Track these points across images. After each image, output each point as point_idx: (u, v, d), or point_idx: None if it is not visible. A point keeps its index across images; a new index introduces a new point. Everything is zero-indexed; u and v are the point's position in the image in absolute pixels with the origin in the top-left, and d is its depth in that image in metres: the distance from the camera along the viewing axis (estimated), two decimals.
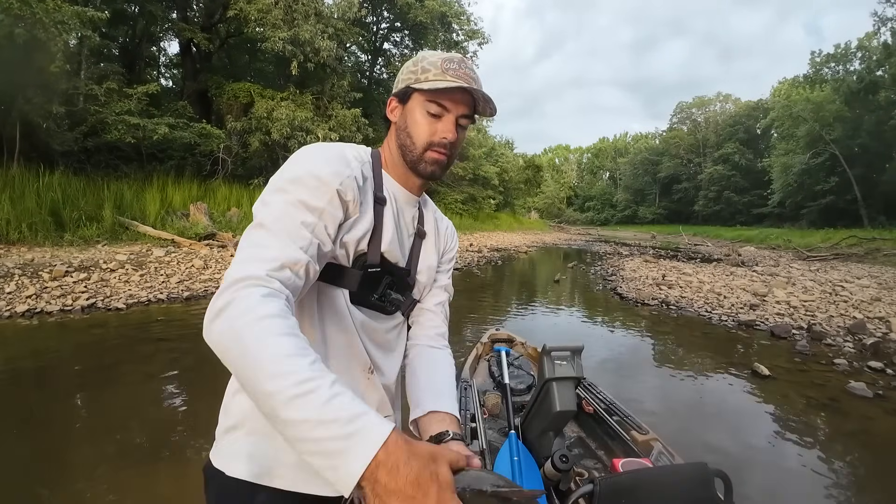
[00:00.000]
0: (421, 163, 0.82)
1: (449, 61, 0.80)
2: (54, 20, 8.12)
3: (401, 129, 0.84)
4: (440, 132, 0.80)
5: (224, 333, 0.55)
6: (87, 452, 2.61)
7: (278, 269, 0.61)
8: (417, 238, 0.92)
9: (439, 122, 0.81)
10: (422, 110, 0.81)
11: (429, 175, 0.84)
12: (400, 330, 0.93)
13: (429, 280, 0.95)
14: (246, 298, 0.56)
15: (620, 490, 1.16)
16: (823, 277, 10.18)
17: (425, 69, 0.80)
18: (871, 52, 25.03)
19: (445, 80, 0.77)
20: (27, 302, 5.26)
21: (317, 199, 0.69)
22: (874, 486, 2.69)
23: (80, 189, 9.06)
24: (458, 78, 0.78)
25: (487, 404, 2.36)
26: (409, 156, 0.83)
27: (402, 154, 0.84)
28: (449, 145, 0.82)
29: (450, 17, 18.62)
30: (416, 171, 0.84)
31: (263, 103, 12.95)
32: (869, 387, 3.87)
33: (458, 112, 0.81)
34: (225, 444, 0.79)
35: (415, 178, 0.87)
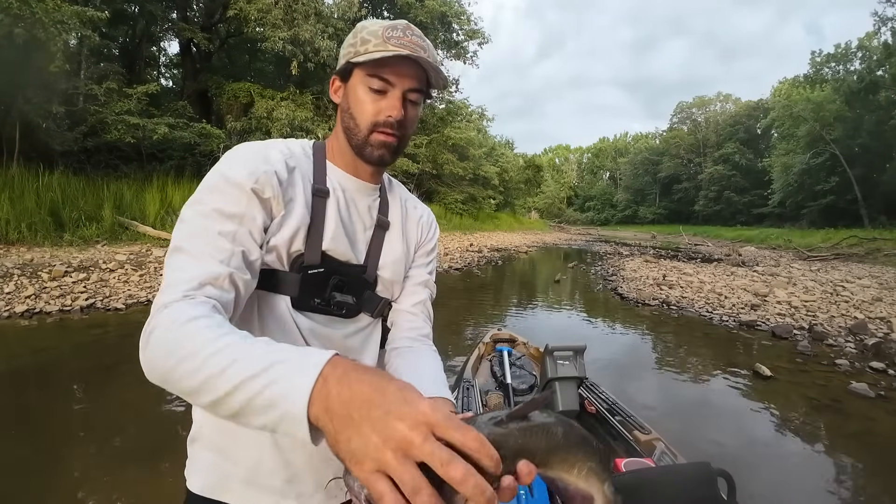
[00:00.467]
0: (367, 147, 0.73)
1: (391, 29, 0.70)
2: (54, 20, 8.10)
3: (344, 111, 0.75)
4: (385, 110, 0.71)
5: (153, 354, 0.50)
6: (86, 453, 2.60)
7: (197, 287, 0.56)
8: (378, 230, 0.82)
9: (384, 100, 0.71)
10: (364, 87, 0.71)
11: (377, 160, 0.75)
12: (368, 334, 0.83)
13: (396, 276, 0.84)
14: (166, 316, 0.51)
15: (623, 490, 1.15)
16: (824, 277, 10.16)
17: (365, 40, 0.70)
18: (872, 52, 25.02)
19: (387, 50, 0.68)
20: (26, 302, 5.25)
21: (232, 204, 0.63)
22: (876, 486, 2.68)
23: (79, 189, 9.05)
24: (401, 47, 0.68)
25: (490, 404, 2.37)
26: (354, 140, 0.74)
27: (348, 138, 0.76)
28: (396, 125, 0.72)
29: (450, 17, 18.60)
30: (363, 156, 0.75)
31: (263, 103, 12.94)
32: (871, 387, 3.86)
33: (404, 86, 0.71)
34: (189, 458, 0.77)
35: (363, 164, 0.77)
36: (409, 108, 0.74)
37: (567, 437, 0.52)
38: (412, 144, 18.41)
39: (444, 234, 18.35)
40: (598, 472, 0.56)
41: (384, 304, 0.84)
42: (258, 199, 0.65)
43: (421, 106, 0.77)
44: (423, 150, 18.86)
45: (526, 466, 0.43)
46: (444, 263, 11.32)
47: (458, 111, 23.89)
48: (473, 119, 27.78)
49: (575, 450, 0.53)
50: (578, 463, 0.53)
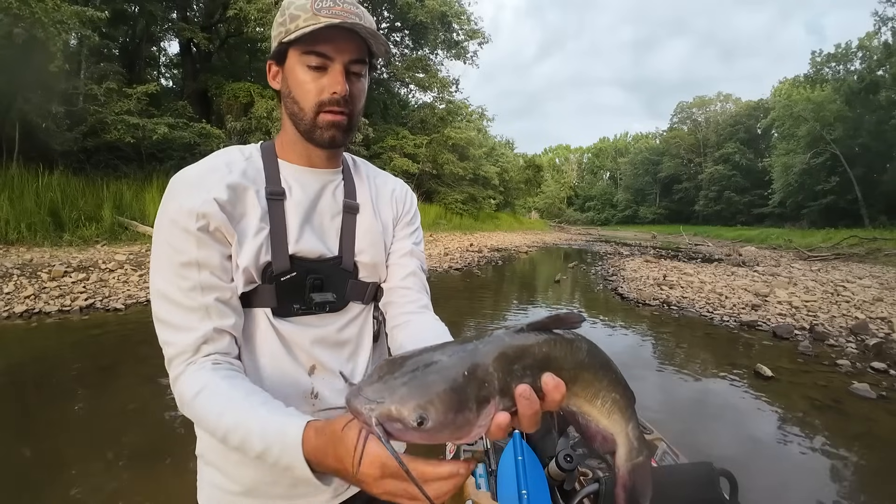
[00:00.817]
0: (315, 130, 0.69)
1: (320, 0, 0.65)
2: (53, 20, 8.09)
3: (286, 97, 0.70)
4: (328, 87, 0.66)
5: (189, 415, 0.62)
6: (84, 453, 2.59)
7: (193, 353, 0.62)
8: (347, 215, 0.77)
9: (325, 76, 0.67)
10: (301, 67, 0.67)
11: (328, 143, 0.70)
12: (364, 321, 0.80)
13: (377, 257, 0.79)
14: (180, 388, 0.62)
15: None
16: (825, 277, 10.15)
17: (294, 16, 0.65)
18: (872, 52, 24.98)
19: (318, 23, 0.63)
20: (25, 302, 5.24)
21: (185, 252, 0.63)
22: (878, 487, 2.67)
23: (79, 189, 9.06)
24: (333, 17, 0.64)
25: None
26: (302, 125, 0.70)
27: (295, 125, 0.71)
28: (342, 101, 0.67)
29: (450, 17, 18.61)
30: (313, 140, 0.71)
31: (263, 103, 12.93)
32: (872, 388, 3.84)
33: (344, 59, 0.67)
34: (198, 472, 0.78)
35: (316, 150, 0.73)
36: (354, 82, 0.69)
37: (592, 356, 0.47)
38: (412, 144, 18.42)
39: (445, 234, 18.34)
40: (623, 409, 0.51)
41: (372, 288, 0.80)
42: (207, 234, 0.63)
43: (366, 78, 0.73)
44: (423, 150, 18.85)
45: (552, 379, 0.40)
46: (444, 263, 11.32)
47: (458, 111, 23.88)
48: (473, 119, 27.78)
49: (600, 374, 0.48)
50: (602, 392, 0.48)
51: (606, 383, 0.49)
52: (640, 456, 0.54)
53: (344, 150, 0.81)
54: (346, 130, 0.71)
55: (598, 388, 0.48)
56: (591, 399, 0.48)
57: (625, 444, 0.53)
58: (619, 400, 0.50)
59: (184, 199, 0.63)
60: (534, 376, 0.40)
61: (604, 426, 0.50)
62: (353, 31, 0.65)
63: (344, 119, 0.69)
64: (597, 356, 0.48)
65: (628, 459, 0.54)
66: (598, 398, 0.48)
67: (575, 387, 0.46)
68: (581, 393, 0.47)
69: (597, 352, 0.48)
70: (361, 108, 0.73)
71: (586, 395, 0.48)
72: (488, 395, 0.38)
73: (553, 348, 0.43)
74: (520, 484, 1.52)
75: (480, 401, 0.37)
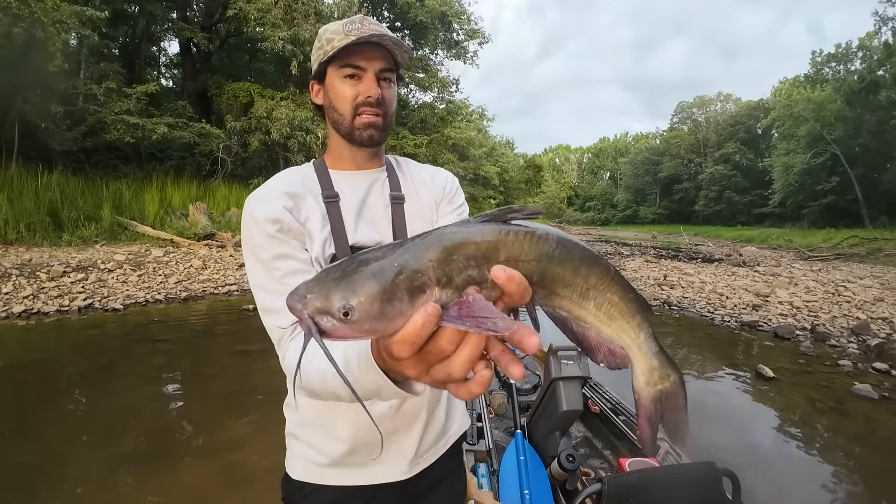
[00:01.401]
0: (354, 131, 0.81)
1: (350, 23, 0.79)
2: (53, 19, 8.08)
3: (328, 108, 0.83)
4: (363, 92, 0.79)
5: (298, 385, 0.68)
6: (82, 454, 2.57)
7: (294, 330, 0.70)
8: (395, 205, 0.88)
9: (360, 84, 0.80)
10: (339, 79, 0.80)
11: (367, 141, 0.82)
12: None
13: None
14: (286, 360, 0.71)
15: (628, 489, 1.16)
16: (826, 278, 10.12)
17: (329, 39, 0.79)
18: (872, 52, 24.92)
19: (350, 40, 0.76)
20: (24, 302, 5.23)
21: (270, 248, 0.74)
22: (880, 488, 2.66)
23: (78, 189, 9.04)
24: (361, 34, 0.77)
25: (493, 404, 2.37)
26: (343, 129, 0.82)
27: (338, 131, 0.84)
28: (376, 102, 0.80)
29: (450, 17, 18.57)
30: (354, 141, 0.83)
31: (263, 103, 12.90)
32: (874, 389, 3.82)
33: (375, 68, 0.80)
34: (287, 449, 0.90)
35: (358, 151, 0.85)
36: (385, 88, 0.81)
37: (565, 248, 0.39)
38: (412, 144, 18.39)
39: None
40: (628, 314, 0.42)
41: None
42: (284, 234, 0.75)
43: (395, 85, 0.85)
44: (423, 150, 18.82)
45: (502, 271, 0.35)
46: None
47: (458, 111, 23.83)
48: (473, 119, 27.72)
49: (582, 270, 0.40)
50: (593, 292, 0.40)
51: (595, 281, 0.40)
52: (665, 381, 0.45)
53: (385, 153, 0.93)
54: (381, 129, 0.83)
55: (584, 286, 0.40)
56: (578, 301, 0.41)
57: (641, 361, 0.44)
58: (620, 303, 0.42)
59: (259, 212, 0.76)
60: (480, 267, 0.36)
61: (607, 335, 0.43)
62: (379, 44, 0.78)
63: (379, 119, 0.81)
64: (572, 248, 0.40)
65: (649, 383, 0.45)
66: (589, 299, 0.41)
67: (547, 284, 0.39)
68: (561, 292, 0.40)
69: (572, 245, 0.40)
70: (394, 110, 0.85)
71: (569, 294, 0.40)
72: (423, 286, 0.35)
73: (505, 237, 0.38)
74: (522, 484, 1.53)
75: (413, 291, 0.35)
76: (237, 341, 4.61)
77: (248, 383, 3.60)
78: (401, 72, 0.87)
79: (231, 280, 7.02)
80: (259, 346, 4.54)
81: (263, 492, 2.15)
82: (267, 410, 3.11)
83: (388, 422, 0.85)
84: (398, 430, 0.87)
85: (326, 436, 0.84)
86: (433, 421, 0.92)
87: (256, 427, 2.91)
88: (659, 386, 0.45)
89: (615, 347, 0.43)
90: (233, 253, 8.54)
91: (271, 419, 2.92)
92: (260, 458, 2.49)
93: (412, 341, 0.34)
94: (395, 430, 0.86)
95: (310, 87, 0.87)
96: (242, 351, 4.38)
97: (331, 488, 0.85)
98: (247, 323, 5.31)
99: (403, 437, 0.87)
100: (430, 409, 0.90)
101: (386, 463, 0.86)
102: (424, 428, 0.89)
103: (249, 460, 2.50)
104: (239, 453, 2.60)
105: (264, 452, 2.55)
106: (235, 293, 6.60)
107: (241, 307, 5.88)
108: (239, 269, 7.52)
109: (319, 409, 0.85)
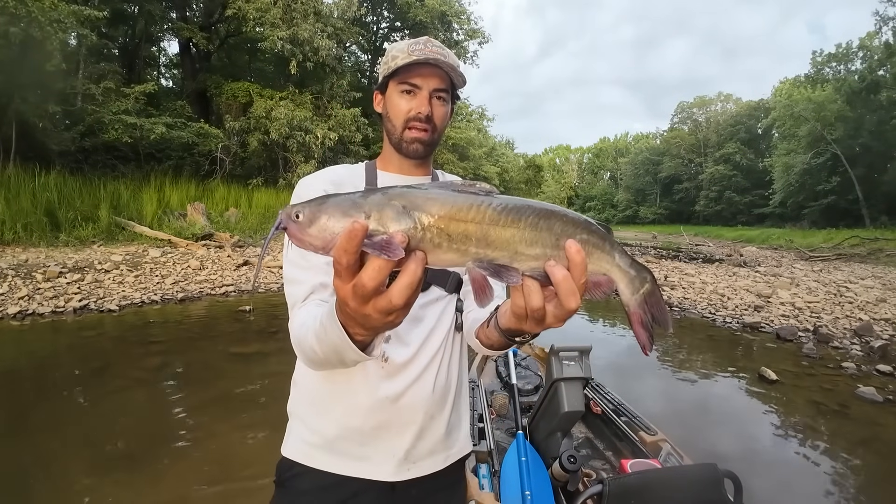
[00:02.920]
0: (402, 143, 0.89)
1: (415, 44, 0.85)
2: (50, 18, 8.04)
3: (385, 118, 0.91)
4: (415, 108, 0.86)
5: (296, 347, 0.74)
6: (76, 456, 2.53)
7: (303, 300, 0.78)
8: None
9: (414, 99, 0.87)
10: (397, 93, 0.88)
11: (412, 154, 0.90)
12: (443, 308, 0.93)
13: None
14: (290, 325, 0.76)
15: (629, 491, 1.17)
16: (827, 278, 10.07)
17: (394, 56, 0.86)
18: (873, 52, 24.87)
19: (410, 59, 0.83)
20: (19, 303, 5.18)
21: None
22: (884, 493, 2.62)
23: (76, 189, 9.01)
24: (422, 55, 0.83)
25: (495, 405, 2.38)
26: (393, 139, 0.90)
27: (389, 139, 0.91)
28: (425, 119, 0.86)
29: (450, 17, 18.53)
30: (401, 151, 0.90)
31: (262, 103, 12.87)
32: (878, 391, 3.78)
33: (430, 87, 0.86)
34: (287, 429, 0.93)
35: (404, 160, 0.92)
36: (437, 106, 0.88)
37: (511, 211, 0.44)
38: None
39: None
40: (600, 245, 0.48)
41: (454, 278, 0.94)
42: None
43: (449, 104, 0.92)
44: None
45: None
46: None
47: (458, 111, 23.73)
48: (473, 119, 27.73)
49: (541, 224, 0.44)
50: (562, 239, 0.44)
51: (560, 228, 0.44)
52: (644, 284, 0.51)
53: (434, 167, 1.01)
54: (427, 144, 0.90)
55: (548, 237, 0.44)
56: (552, 253, 0.45)
57: (622, 278, 0.49)
58: (589, 239, 0.47)
59: (303, 191, 0.84)
60: (411, 216, 0.42)
61: (589, 271, 0.46)
62: (437, 65, 0.85)
63: (426, 135, 0.88)
64: (522, 208, 0.44)
65: (633, 292, 0.51)
66: (561, 248, 0.45)
67: (499, 243, 0.43)
68: (526, 251, 0.44)
69: (519, 201, 0.45)
70: (443, 127, 0.92)
71: (536, 251, 0.44)
72: (358, 215, 0.42)
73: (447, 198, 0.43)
74: (523, 485, 1.54)
75: (347, 215, 0.42)
76: (233, 343, 4.56)
77: (243, 386, 3.55)
78: (458, 92, 0.94)
79: (228, 281, 6.97)
80: (255, 348, 4.50)
81: (256, 492, 2.11)
82: (261, 414, 3.07)
83: (381, 413, 0.85)
84: (391, 427, 0.87)
85: (321, 414, 0.87)
86: (430, 430, 0.91)
87: (250, 430, 2.86)
88: (641, 290, 0.51)
89: (597, 278, 0.48)
90: (230, 253, 8.49)
91: (265, 423, 2.89)
92: (253, 462, 2.45)
93: (344, 248, 0.40)
94: (387, 424, 0.86)
95: (374, 97, 0.95)
96: (238, 353, 4.33)
97: (318, 473, 0.86)
98: (243, 325, 5.27)
99: (396, 435, 0.87)
100: (428, 415, 0.89)
101: (374, 459, 0.86)
102: (419, 433, 0.88)
103: (242, 464, 2.46)
104: (232, 457, 2.56)
105: (257, 456, 2.51)
106: (232, 294, 6.55)
107: (237, 308, 5.83)
108: (236, 269, 7.47)
109: (319, 387, 0.88)
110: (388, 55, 0.88)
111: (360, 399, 0.85)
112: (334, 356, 0.61)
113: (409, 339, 0.88)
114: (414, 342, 0.89)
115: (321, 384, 0.88)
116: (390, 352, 0.86)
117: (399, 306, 0.44)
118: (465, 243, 0.43)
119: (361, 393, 0.85)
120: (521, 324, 0.52)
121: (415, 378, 0.88)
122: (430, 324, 0.91)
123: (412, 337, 0.89)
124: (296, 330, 0.73)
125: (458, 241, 0.43)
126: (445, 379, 0.94)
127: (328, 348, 0.60)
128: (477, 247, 0.43)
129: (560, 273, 0.45)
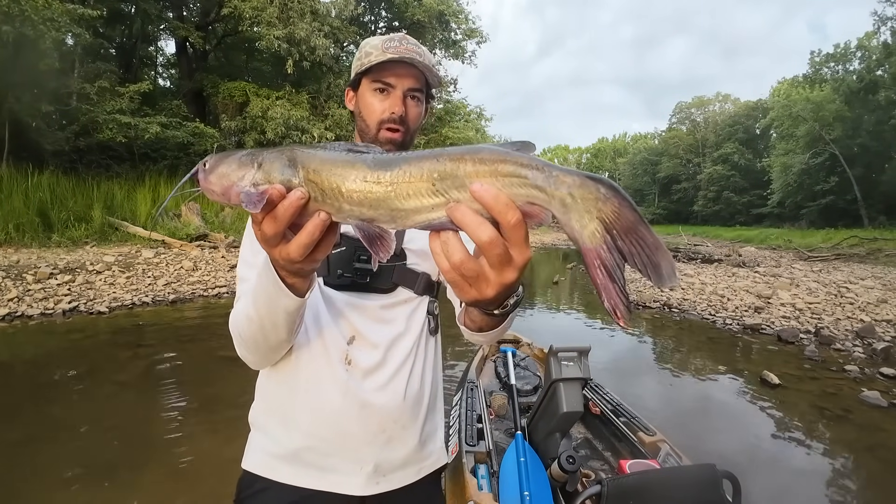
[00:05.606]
0: (376, 144, 0.81)
1: (389, 41, 0.83)
2: (44, 17, 7.95)
3: (358, 117, 0.88)
4: (388, 108, 0.83)
5: (234, 331, 0.78)
6: (60, 461, 2.46)
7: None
8: None
9: (387, 99, 0.84)
10: (370, 91, 0.85)
11: None
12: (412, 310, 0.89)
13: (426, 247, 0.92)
14: (231, 315, 0.78)
15: (628, 491, 1.17)
16: (827, 278, 10.02)
17: (368, 53, 0.83)
18: (871, 52, 24.90)
19: (384, 57, 0.80)
20: (8, 305, 5.09)
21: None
22: (887, 498, 2.57)
23: (69, 189, 8.91)
24: (396, 53, 0.80)
25: (493, 405, 2.38)
26: (366, 139, 0.86)
27: (362, 139, 0.87)
28: (399, 120, 0.83)
29: (448, 16, 18.44)
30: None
31: (258, 102, 12.78)
32: (883, 396, 3.71)
33: (404, 86, 0.84)
34: (248, 440, 0.90)
35: None
36: (411, 106, 0.86)
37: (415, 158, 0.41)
38: None
39: None
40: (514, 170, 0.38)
41: (423, 278, 0.89)
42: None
43: (423, 104, 0.89)
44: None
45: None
46: None
47: (456, 111, 23.73)
48: (472, 119, 27.63)
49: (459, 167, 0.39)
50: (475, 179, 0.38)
51: (471, 169, 0.38)
52: (598, 202, 0.37)
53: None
54: (400, 146, 0.86)
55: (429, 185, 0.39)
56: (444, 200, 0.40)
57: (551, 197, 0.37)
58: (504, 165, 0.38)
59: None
60: (294, 171, 0.43)
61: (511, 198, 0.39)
62: (412, 64, 0.82)
63: (399, 136, 0.85)
64: (394, 160, 0.41)
65: (579, 217, 0.37)
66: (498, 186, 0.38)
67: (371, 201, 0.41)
68: (406, 204, 0.40)
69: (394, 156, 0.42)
70: (416, 128, 0.89)
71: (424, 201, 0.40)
72: (250, 168, 0.45)
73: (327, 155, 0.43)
74: (522, 485, 1.53)
75: (243, 165, 0.45)
76: (221, 346, 4.46)
77: (229, 391, 3.45)
78: (432, 91, 0.91)
79: (222, 282, 6.88)
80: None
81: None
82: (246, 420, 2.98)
83: (347, 421, 0.81)
84: (358, 435, 0.82)
85: (285, 423, 0.83)
86: (402, 440, 0.86)
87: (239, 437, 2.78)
88: (594, 213, 0.36)
89: (525, 208, 0.38)
90: (225, 254, 8.40)
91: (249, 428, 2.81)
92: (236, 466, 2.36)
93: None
94: (354, 432, 0.82)
95: (345, 93, 0.93)
96: (226, 357, 4.23)
97: (283, 487, 0.82)
98: None
99: (364, 444, 0.83)
100: (399, 424, 0.85)
101: (341, 470, 0.82)
102: (388, 442, 0.84)
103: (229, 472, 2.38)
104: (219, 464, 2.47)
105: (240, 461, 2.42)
106: (225, 295, 6.46)
107: (228, 310, 5.75)
108: (230, 270, 7.39)
109: (283, 393, 0.84)
110: (362, 51, 0.85)
111: (325, 405, 0.81)
112: (266, 311, 0.62)
113: (376, 341, 0.84)
114: (381, 345, 0.85)
115: (285, 390, 0.83)
116: (355, 354, 0.82)
117: (297, 260, 0.47)
118: (338, 199, 0.42)
119: (327, 399, 0.81)
120: (464, 290, 0.43)
121: (383, 384, 0.83)
122: (398, 327, 0.87)
123: (378, 339, 0.84)
124: (233, 315, 0.74)
125: (331, 196, 0.42)
126: (419, 385, 0.88)
127: (262, 301, 0.62)
128: (350, 204, 0.42)
129: (458, 211, 0.38)
